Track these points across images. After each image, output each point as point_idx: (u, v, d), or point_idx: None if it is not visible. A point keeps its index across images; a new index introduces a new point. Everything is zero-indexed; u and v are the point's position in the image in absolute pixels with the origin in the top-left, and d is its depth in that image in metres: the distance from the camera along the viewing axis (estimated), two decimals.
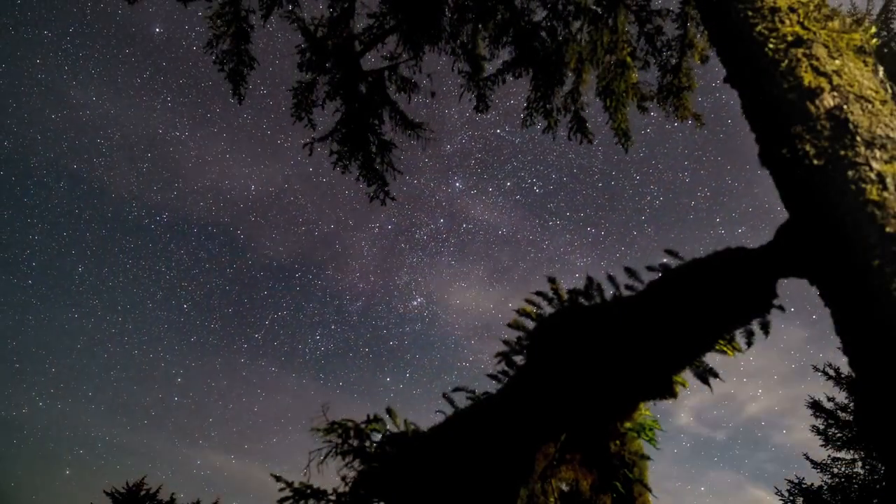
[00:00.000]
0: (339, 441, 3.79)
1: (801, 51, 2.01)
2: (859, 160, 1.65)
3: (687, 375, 3.84)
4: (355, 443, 3.77)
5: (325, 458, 3.76)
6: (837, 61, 1.97)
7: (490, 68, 6.90)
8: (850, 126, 1.74)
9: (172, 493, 16.82)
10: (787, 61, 2.01)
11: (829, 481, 13.06)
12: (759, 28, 2.17)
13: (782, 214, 2.22)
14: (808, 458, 13.59)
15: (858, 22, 2.24)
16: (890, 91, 1.98)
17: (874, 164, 1.62)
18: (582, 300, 4.26)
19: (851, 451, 13.09)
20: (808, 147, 1.81)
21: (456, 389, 4.35)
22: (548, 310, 4.41)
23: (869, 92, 1.86)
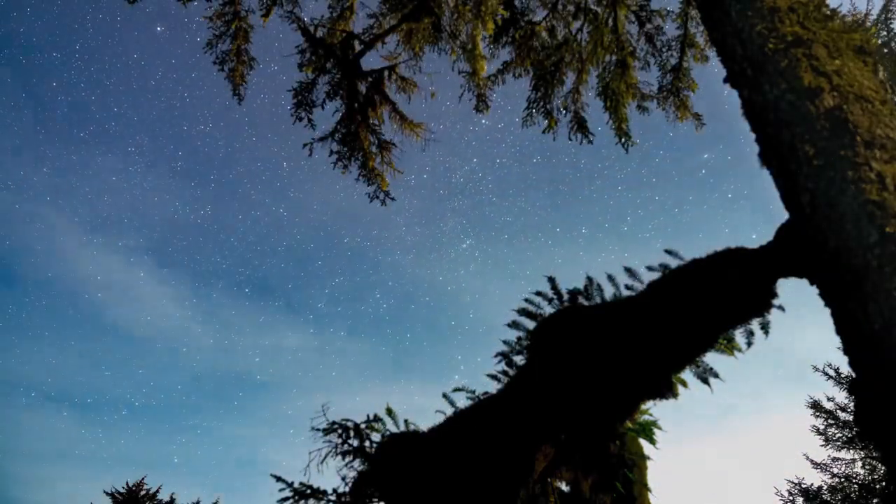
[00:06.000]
0: (339, 441, 3.79)
1: (800, 51, 2.01)
2: (859, 160, 1.65)
3: (686, 375, 3.84)
4: (355, 443, 3.77)
5: (325, 458, 3.76)
6: (837, 61, 1.96)
7: (490, 68, 6.90)
8: (850, 126, 1.74)
9: (172, 494, 16.83)
10: (786, 61, 2.01)
11: (829, 481, 13.06)
12: (758, 28, 2.17)
13: (782, 214, 2.22)
14: (808, 458, 13.59)
15: (858, 22, 2.23)
16: (890, 91, 1.98)
17: (874, 164, 1.62)
18: (582, 300, 4.26)
19: (851, 451, 13.09)
20: (807, 147, 1.81)
21: (456, 390, 4.36)
22: (548, 310, 4.41)
23: (869, 92, 1.86)
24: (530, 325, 4.40)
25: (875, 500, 12.35)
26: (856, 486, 12.70)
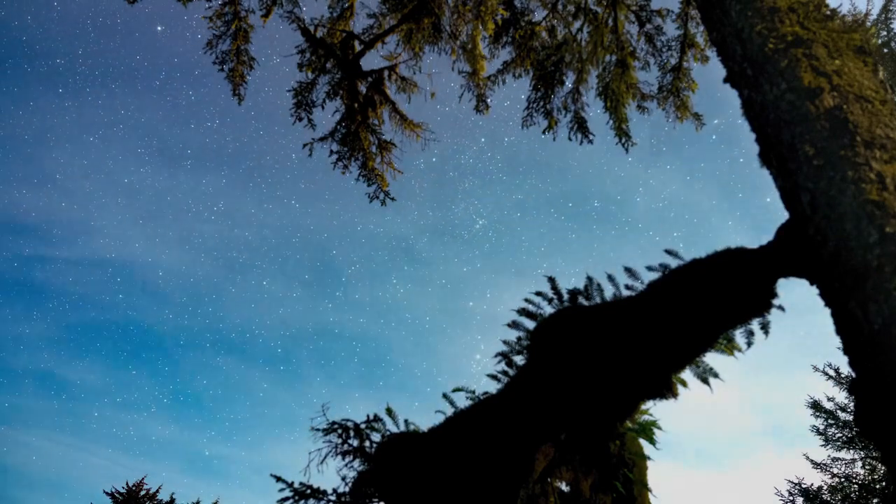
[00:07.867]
0: (339, 441, 3.79)
1: (800, 51, 2.01)
2: (859, 160, 1.65)
3: (686, 375, 3.84)
4: (355, 443, 3.77)
5: (325, 458, 3.76)
6: (837, 61, 1.96)
7: (490, 68, 6.90)
8: (850, 126, 1.73)
9: (172, 494, 16.87)
10: (786, 61, 2.01)
11: (829, 481, 13.05)
12: (758, 28, 2.17)
13: (783, 214, 2.22)
14: (808, 458, 13.59)
15: (858, 22, 2.23)
16: (890, 91, 1.98)
17: (874, 164, 1.62)
18: (582, 300, 4.26)
19: (851, 451, 13.08)
20: (807, 147, 1.81)
21: (456, 390, 4.36)
22: (548, 310, 4.41)
23: (869, 92, 1.86)
24: (530, 325, 4.40)
25: (875, 500, 12.34)
26: (856, 486, 12.70)
